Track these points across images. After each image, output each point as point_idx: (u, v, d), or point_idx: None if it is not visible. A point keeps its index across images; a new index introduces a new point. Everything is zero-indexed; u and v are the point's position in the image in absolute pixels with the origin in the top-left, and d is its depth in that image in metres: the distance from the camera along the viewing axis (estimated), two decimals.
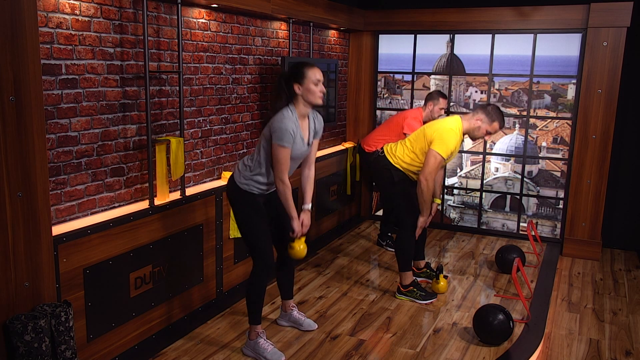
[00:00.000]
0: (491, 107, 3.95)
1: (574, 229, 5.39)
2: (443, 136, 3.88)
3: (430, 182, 3.93)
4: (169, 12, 3.62)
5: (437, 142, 3.88)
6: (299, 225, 3.31)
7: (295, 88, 3.16)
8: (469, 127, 3.96)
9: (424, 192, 3.96)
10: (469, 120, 3.96)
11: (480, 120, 3.93)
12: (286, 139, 3.09)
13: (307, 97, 3.18)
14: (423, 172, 3.94)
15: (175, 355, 3.38)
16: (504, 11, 5.46)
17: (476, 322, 3.60)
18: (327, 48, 5.80)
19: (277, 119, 3.13)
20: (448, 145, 3.87)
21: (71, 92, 2.99)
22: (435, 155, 3.88)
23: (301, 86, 3.16)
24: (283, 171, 3.15)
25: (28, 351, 2.46)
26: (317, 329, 3.72)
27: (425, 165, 3.92)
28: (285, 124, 3.09)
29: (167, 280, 3.57)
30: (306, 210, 3.41)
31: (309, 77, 3.15)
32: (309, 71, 3.16)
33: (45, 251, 2.66)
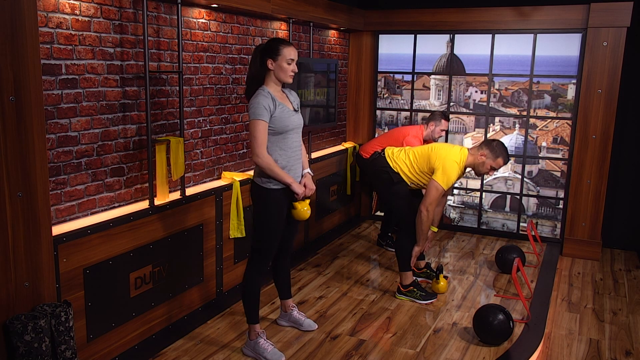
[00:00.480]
0: (496, 143, 3.97)
1: (574, 229, 5.39)
2: (446, 168, 3.91)
3: (430, 212, 3.97)
4: (169, 12, 3.62)
5: (439, 173, 3.92)
6: (300, 187, 3.24)
7: (268, 63, 3.16)
8: (474, 162, 4.00)
9: (423, 222, 4.00)
10: (474, 155, 3.99)
11: (485, 156, 3.95)
12: (260, 112, 3.08)
13: (279, 74, 3.18)
14: (424, 203, 3.97)
15: (175, 355, 3.38)
16: (504, 11, 5.46)
17: (476, 322, 3.60)
18: (327, 48, 5.80)
19: (251, 101, 3.14)
20: (450, 178, 3.92)
21: (71, 92, 2.99)
22: (437, 187, 3.92)
23: (274, 62, 3.16)
24: (260, 145, 3.11)
25: (28, 351, 2.46)
26: (317, 329, 3.72)
27: (427, 195, 3.96)
28: (258, 99, 3.10)
29: (167, 280, 3.57)
30: (307, 174, 3.39)
31: (284, 54, 3.14)
32: (285, 49, 3.15)
33: (45, 251, 2.66)
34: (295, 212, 3.31)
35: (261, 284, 3.36)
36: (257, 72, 3.20)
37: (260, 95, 3.13)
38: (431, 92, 5.95)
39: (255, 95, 3.15)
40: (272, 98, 3.15)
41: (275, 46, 3.16)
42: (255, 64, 3.19)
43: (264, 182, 3.22)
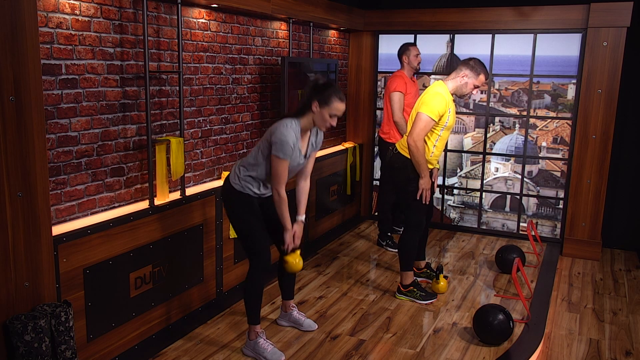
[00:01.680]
0: (473, 61, 3.94)
1: (574, 229, 5.39)
2: (428, 100, 3.87)
3: (418, 143, 3.87)
4: (169, 12, 3.62)
5: (423, 105, 3.88)
6: (290, 237, 3.35)
7: (313, 105, 3.15)
8: (455, 86, 3.96)
9: (415, 153, 3.90)
10: (454, 80, 3.96)
11: (466, 76, 3.92)
12: (286, 152, 3.09)
13: (317, 120, 3.19)
14: (410, 134, 3.89)
15: (175, 355, 3.38)
16: (504, 11, 5.46)
17: (476, 322, 3.60)
18: (327, 48, 5.80)
19: (279, 130, 3.11)
20: (434, 106, 3.84)
21: (71, 92, 3.00)
22: (422, 116, 3.84)
23: (319, 108, 3.15)
24: (280, 183, 3.17)
25: (28, 351, 2.46)
26: (317, 329, 3.72)
27: (413, 127, 3.89)
28: (287, 136, 3.08)
29: (167, 280, 3.57)
30: (299, 221, 3.43)
31: (332, 107, 3.14)
32: (336, 102, 3.14)
33: (45, 251, 2.66)
34: (287, 265, 3.39)
35: (264, 283, 3.36)
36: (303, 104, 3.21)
37: (290, 131, 3.11)
38: None
39: (285, 130, 3.10)
40: (296, 137, 3.15)
41: (328, 94, 3.13)
42: (304, 96, 3.20)
43: (236, 184, 3.27)
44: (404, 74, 5.16)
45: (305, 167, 3.44)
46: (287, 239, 3.34)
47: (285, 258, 3.39)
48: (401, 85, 5.08)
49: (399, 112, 5.09)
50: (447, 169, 5.97)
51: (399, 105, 5.08)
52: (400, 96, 5.07)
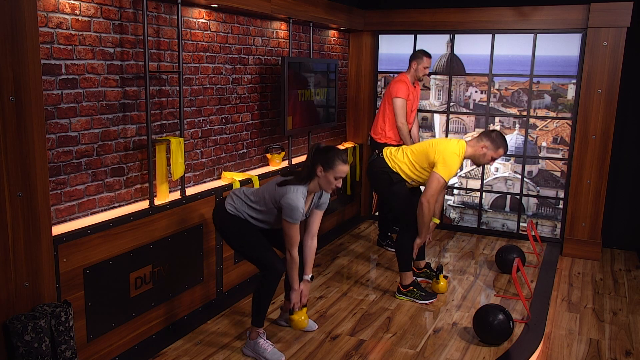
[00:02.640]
0: (495, 134, 3.97)
1: (574, 229, 5.39)
2: (447, 160, 3.90)
3: (432, 204, 3.96)
4: (169, 12, 3.62)
5: (440, 166, 3.91)
6: (297, 297, 3.41)
7: (318, 170, 3.19)
8: (474, 154, 3.99)
9: (425, 214, 3.99)
10: (474, 147, 3.99)
11: (486, 148, 3.96)
12: (296, 217, 3.15)
13: (322, 184, 3.24)
14: (425, 195, 3.96)
15: (175, 355, 3.38)
16: (504, 11, 5.46)
17: (476, 322, 3.60)
18: (327, 48, 5.80)
19: (289, 196, 3.14)
20: (451, 170, 3.92)
21: (71, 92, 3.00)
22: (439, 179, 3.91)
23: (324, 172, 3.18)
24: (293, 245, 3.25)
25: (28, 351, 2.46)
26: (317, 329, 3.72)
27: (428, 188, 3.95)
28: (297, 204, 3.13)
29: (167, 280, 3.57)
30: (306, 281, 3.48)
31: (336, 171, 3.18)
32: (339, 166, 3.18)
33: (45, 251, 2.66)
34: (293, 324, 3.46)
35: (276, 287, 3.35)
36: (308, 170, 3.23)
37: (299, 197, 3.14)
38: (431, 92, 5.95)
39: (296, 197, 3.13)
40: (304, 201, 3.19)
41: (332, 159, 3.17)
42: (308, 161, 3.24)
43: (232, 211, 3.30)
44: (407, 78, 5.12)
45: (312, 226, 3.50)
46: (293, 299, 3.40)
47: (291, 317, 3.45)
48: (404, 91, 5.04)
49: (402, 118, 5.06)
50: None
51: (402, 111, 5.06)
52: (403, 102, 5.05)
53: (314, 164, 3.21)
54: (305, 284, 3.47)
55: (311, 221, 3.50)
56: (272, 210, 3.26)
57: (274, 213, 3.27)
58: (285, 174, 3.31)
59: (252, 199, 3.31)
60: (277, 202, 3.20)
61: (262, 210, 3.28)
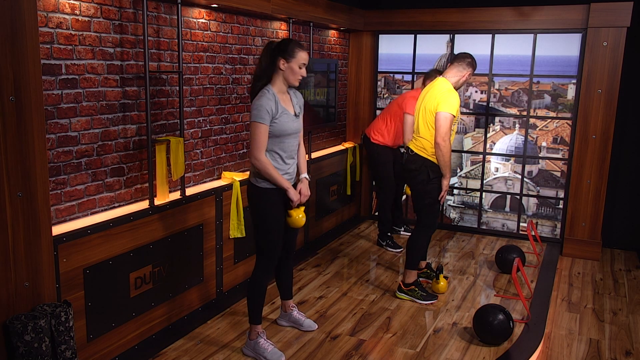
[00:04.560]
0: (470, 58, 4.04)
1: (574, 229, 5.39)
2: (445, 97, 3.90)
3: (447, 142, 3.90)
4: (169, 12, 3.62)
5: (442, 104, 3.89)
6: (296, 194, 3.26)
7: (280, 63, 3.14)
8: (458, 81, 4.04)
9: (444, 153, 3.91)
10: (456, 77, 4.03)
11: (470, 73, 4.05)
12: (262, 115, 3.08)
13: (288, 76, 3.17)
14: (438, 134, 3.89)
15: (175, 355, 3.38)
16: (504, 11, 5.46)
17: (476, 322, 3.60)
18: (327, 48, 5.80)
19: (258, 98, 3.12)
20: (453, 103, 3.90)
21: (71, 92, 2.99)
22: (445, 115, 3.87)
23: (286, 63, 3.14)
24: (259, 148, 3.11)
25: (28, 351, 2.46)
26: (317, 329, 3.72)
27: (438, 127, 3.89)
28: (262, 100, 3.08)
29: (167, 280, 3.57)
30: (304, 179, 3.38)
31: (298, 57, 3.14)
32: (300, 52, 3.15)
33: (45, 251, 2.66)
34: (290, 219, 3.33)
35: (268, 283, 3.35)
36: (265, 70, 3.18)
37: (264, 97, 3.11)
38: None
39: (260, 96, 3.12)
40: (275, 101, 3.14)
41: (291, 48, 3.14)
42: (266, 61, 3.17)
43: (259, 182, 3.23)
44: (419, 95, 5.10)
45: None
46: (292, 196, 3.24)
47: (289, 212, 3.31)
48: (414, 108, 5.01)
49: (409, 135, 5.01)
50: None
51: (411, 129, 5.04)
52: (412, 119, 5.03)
53: (273, 59, 3.15)
54: (303, 182, 3.36)
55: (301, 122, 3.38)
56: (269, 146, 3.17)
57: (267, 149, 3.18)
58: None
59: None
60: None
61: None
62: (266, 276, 3.31)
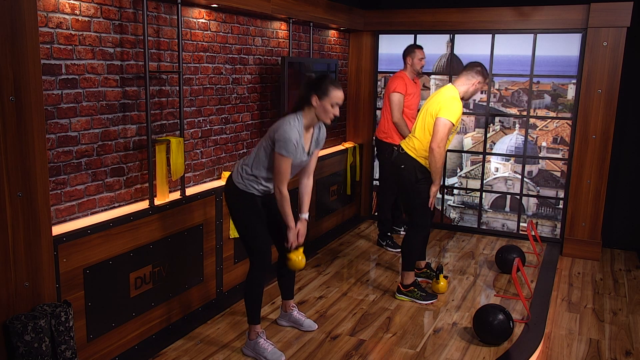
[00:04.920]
0: (480, 67, 4.02)
1: (574, 229, 5.39)
2: (448, 104, 3.89)
3: (442, 149, 3.89)
4: (169, 12, 3.62)
5: (443, 111, 3.88)
6: (294, 236, 3.34)
7: (313, 100, 3.15)
8: (467, 91, 4.03)
9: (437, 159, 3.90)
10: (465, 85, 4.02)
11: (480, 82, 4.03)
12: (289, 149, 3.09)
13: (320, 114, 3.18)
14: (434, 140, 3.88)
15: (175, 355, 3.38)
16: (504, 11, 5.46)
17: (476, 322, 3.60)
18: (327, 48, 5.80)
19: (283, 128, 3.10)
20: (455, 111, 3.88)
21: (71, 92, 3.00)
22: (445, 122, 3.86)
23: (320, 101, 3.15)
24: (282, 181, 3.16)
25: (28, 351, 2.46)
26: (317, 329, 3.72)
27: (435, 133, 3.88)
28: (290, 134, 3.08)
29: (167, 280, 3.57)
30: (303, 220, 3.42)
31: (332, 96, 3.14)
32: (334, 91, 3.14)
33: (45, 251, 2.66)
34: (290, 263, 3.39)
35: (264, 283, 3.36)
36: (299, 102, 3.21)
37: (292, 130, 3.10)
38: (431, 92, 5.94)
39: (289, 128, 3.10)
40: (300, 134, 3.15)
41: (325, 86, 3.14)
42: (301, 93, 3.21)
43: (240, 184, 3.26)
44: (405, 75, 5.16)
45: (308, 165, 3.43)
46: (290, 238, 3.32)
47: (289, 255, 3.38)
48: (401, 86, 5.07)
49: (397, 113, 5.09)
50: (447, 169, 5.97)
51: (399, 106, 5.08)
52: (400, 97, 5.07)
53: (307, 94, 3.16)
54: (302, 223, 3.39)
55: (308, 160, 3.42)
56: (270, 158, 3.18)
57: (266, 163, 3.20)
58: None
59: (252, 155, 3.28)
60: (272, 140, 3.14)
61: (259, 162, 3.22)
62: (262, 275, 3.31)
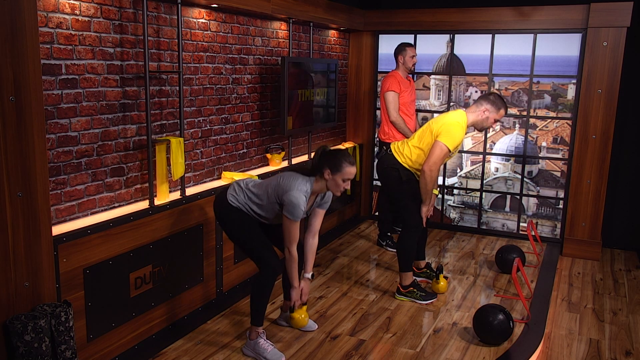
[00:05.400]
0: (493, 96, 3.97)
1: (574, 229, 5.39)
2: (450, 129, 3.88)
3: (434, 172, 3.90)
4: (169, 12, 3.62)
5: (444, 135, 3.87)
6: (297, 295, 3.42)
7: (325, 173, 3.20)
8: (476, 120, 3.98)
9: (428, 182, 3.93)
10: (475, 113, 3.98)
11: (487, 111, 3.95)
12: (298, 215, 3.15)
13: (330, 186, 3.24)
14: (427, 162, 3.90)
15: (175, 355, 3.38)
16: (504, 11, 5.46)
17: (476, 322, 3.60)
18: (327, 48, 5.80)
19: (292, 193, 3.13)
20: (455, 138, 3.87)
21: (71, 92, 3.00)
22: (442, 147, 3.86)
23: (332, 175, 3.19)
24: (292, 242, 3.24)
25: (28, 351, 2.46)
26: (317, 329, 3.72)
27: (430, 155, 3.89)
28: (298, 200, 3.13)
29: (167, 280, 3.57)
30: (306, 279, 3.48)
31: (344, 173, 3.18)
32: (348, 168, 3.19)
33: (45, 251, 2.66)
34: (293, 322, 3.49)
35: (274, 284, 3.35)
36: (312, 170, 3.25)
37: (301, 195, 3.14)
38: (431, 92, 5.95)
39: (298, 194, 3.14)
40: (306, 199, 3.19)
41: (338, 162, 3.18)
42: (314, 162, 3.25)
43: (234, 203, 3.29)
44: (397, 73, 5.18)
45: (314, 225, 3.50)
46: (293, 297, 3.41)
47: (292, 315, 3.47)
48: (394, 84, 5.09)
49: (394, 112, 5.10)
50: (447, 169, 5.97)
51: (394, 105, 5.09)
52: (395, 96, 5.09)
53: (320, 166, 3.21)
54: (306, 282, 3.47)
55: (313, 219, 3.49)
56: (273, 205, 3.25)
57: (275, 209, 3.26)
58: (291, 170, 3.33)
59: (255, 191, 3.30)
60: (279, 198, 3.19)
61: (263, 205, 3.27)
62: (273, 276, 3.31)
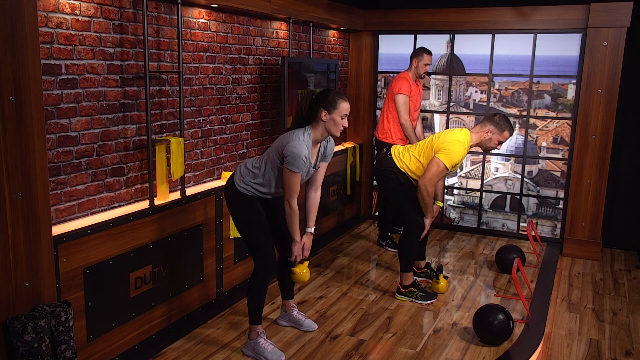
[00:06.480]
0: (498, 117, 3.96)
1: (574, 229, 5.39)
2: (450, 147, 3.90)
3: (430, 188, 3.95)
4: (169, 12, 3.62)
5: (443, 152, 3.90)
6: (298, 249, 3.34)
7: (322, 114, 3.16)
8: (479, 140, 3.99)
9: (424, 197, 3.99)
10: (478, 133, 3.98)
11: (491, 132, 3.95)
12: (299, 165, 3.09)
13: (329, 127, 3.19)
14: (423, 178, 3.95)
15: (175, 355, 3.38)
16: (504, 11, 5.46)
17: (476, 322, 3.60)
18: (327, 48, 5.80)
19: (292, 143, 3.09)
20: (453, 157, 3.90)
21: (71, 92, 3.00)
22: (439, 164, 3.89)
23: (328, 114, 3.16)
24: (292, 195, 3.17)
25: (28, 351, 2.46)
26: (317, 329, 3.72)
27: (427, 170, 3.94)
28: (299, 149, 3.08)
29: (167, 280, 3.57)
30: (309, 233, 3.44)
31: (340, 109, 3.16)
32: (342, 103, 3.17)
33: (45, 251, 2.66)
34: (294, 277, 3.39)
35: (268, 283, 3.36)
36: (306, 118, 3.20)
37: (300, 146, 3.09)
38: (431, 92, 5.95)
39: (298, 144, 3.09)
40: (308, 149, 3.15)
41: (332, 99, 3.16)
42: (305, 109, 3.19)
43: (241, 188, 3.26)
44: (408, 76, 5.15)
45: (316, 178, 3.44)
46: (295, 251, 3.34)
47: (293, 269, 3.39)
48: (406, 87, 5.06)
49: (405, 115, 5.07)
50: None
51: (405, 108, 5.07)
52: (405, 99, 5.06)
53: (315, 110, 3.16)
54: (308, 237, 3.42)
55: (315, 173, 3.42)
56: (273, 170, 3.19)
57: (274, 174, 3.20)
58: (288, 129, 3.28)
59: (257, 166, 3.27)
60: (280, 154, 3.14)
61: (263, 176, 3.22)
62: (266, 274, 3.31)
